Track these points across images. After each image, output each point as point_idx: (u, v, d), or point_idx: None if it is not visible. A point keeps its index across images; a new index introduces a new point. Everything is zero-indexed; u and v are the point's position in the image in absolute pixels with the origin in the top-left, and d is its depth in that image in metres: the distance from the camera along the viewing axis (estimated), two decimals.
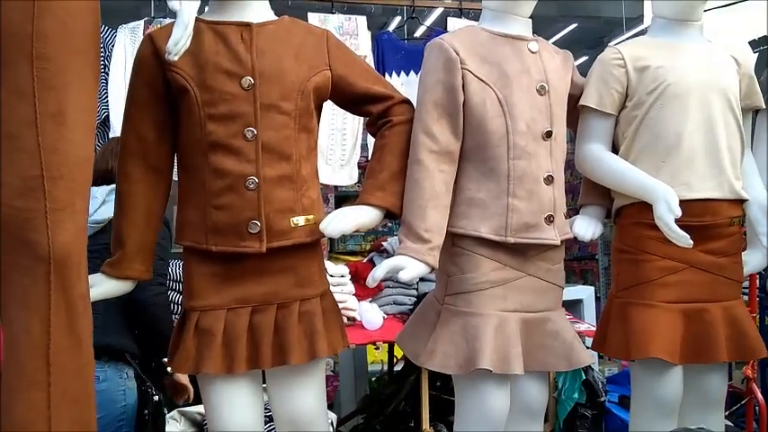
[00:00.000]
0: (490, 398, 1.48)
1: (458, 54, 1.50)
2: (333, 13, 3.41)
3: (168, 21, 3.13)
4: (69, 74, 1.11)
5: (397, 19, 5.03)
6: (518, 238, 1.50)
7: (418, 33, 4.03)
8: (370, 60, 3.44)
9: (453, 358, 1.47)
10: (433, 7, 4.11)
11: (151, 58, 1.39)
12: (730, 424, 2.83)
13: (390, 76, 3.53)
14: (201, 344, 1.37)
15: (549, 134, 1.53)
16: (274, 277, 1.42)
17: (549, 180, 1.52)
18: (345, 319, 2.56)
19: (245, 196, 1.37)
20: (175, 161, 1.48)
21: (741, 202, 1.64)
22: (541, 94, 1.53)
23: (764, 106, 1.74)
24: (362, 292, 2.72)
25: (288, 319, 1.40)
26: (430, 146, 1.48)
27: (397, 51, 3.58)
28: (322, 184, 3.42)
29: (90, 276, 1.22)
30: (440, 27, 3.68)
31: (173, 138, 1.45)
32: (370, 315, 2.55)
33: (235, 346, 1.38)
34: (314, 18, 3.35)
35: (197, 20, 1.37)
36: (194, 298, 1.41)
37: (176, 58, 1.25)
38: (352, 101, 1.55)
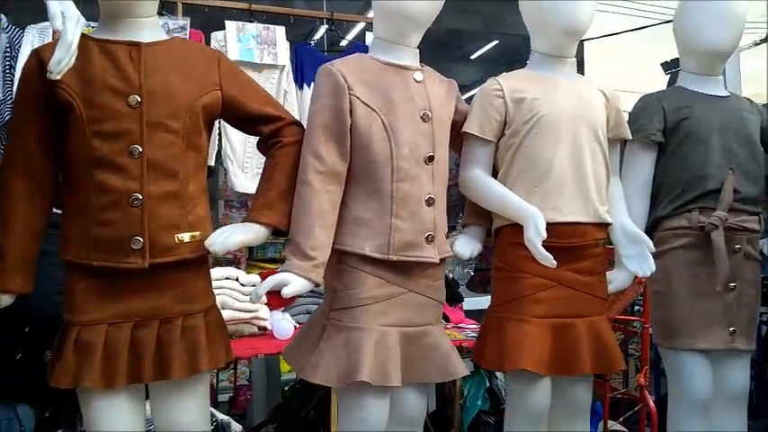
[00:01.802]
0: (370, 409, 1.56)
1: (346, 80, 1.57)
2: (251, 21, 3.42)
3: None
4: None
5: (321, 31, 5.07)
6: (400, 256, 1.58)
7: (343, 43, 4.08)
8: (289, 70, 3.46)
9: (335, 371, 1.54)
10: (353, 21, 4.18)
11: (36, 74, 1.40)
12: (624, 429, 3.02)
13: (309, 86, 3.55)
14: (81, 358, 1.39)
15: (431, 158, 1.62)
16: (158, 292, 1.45)
17: (431, 202, 1.61)
18: (256, 329, 2.61)
19: (129, 213, 1.40)
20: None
21: (606, 225, 1.77)
22: (425, 121, 1.62)
23: (631, 137, 1.88)
24: (275, 301, 2.74)
25: (170, 334, 1.44)
26: (317, 167, 1.55)
27: (317, 62, 3.58)
28: (238, 192, 3.45)
29: None
30: (360, 41, 3.75)
31: (57, 153, 1.46)
32: (282, 324, 2.58)
33: (115, 361, 1.40)
34: (231, 26, 3.35)
35: (86, 37, 1.40)
36: (75, 312, 1.42)
37: (58, 77, 1.27)
38: (242, 120, 1.60)
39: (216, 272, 2.64)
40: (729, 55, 1.97)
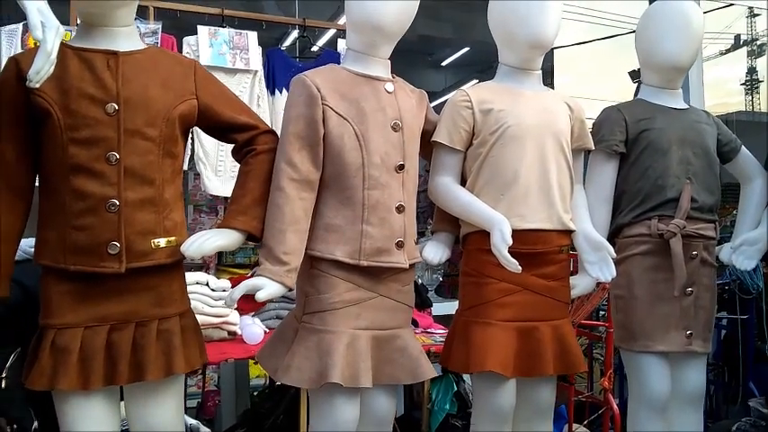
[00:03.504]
0: (340, 410, 1.60)
1: (319, 91, 1.62)
2: (223, 26, 3.43)
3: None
4: None
5: (293, 35, 5.09)
6: (370, 261, 1.63)
7: (314, 49, 4.11)
8: (261, 76, 3.49)
9: (307, 373, 1.58)
10: (325, 27, 4.22)
11: (14, 82, 1.42)
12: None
13: (281, 92, 3.57)
14: (57, 361, 1.40)
15: (401, 167, 1.67)
16: (134, 296, 1.47)
17: (401, 209, 1.66)
18: (226, 334, 2.62)
19: (106, 218, 1.42)
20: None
21: (569, 232, 1.84)
22: (396, 131, 1.67)
23: (594, 147, 1.96)
24: (246, 306, 2.75)
25: (146, 337, 1.46)
26: (291, 174, 1.59)
27: (289, 68, 3.62)
28: (212, 195, 3.46)
29: None
30: (331, 48, 3.78)
31: (35, 160, 1.47)
32: (252, 329, 2.60)
33: (91, 363, 1.42)
34: (204, 31, 3.36)
35: (64, 45, 1.42)
36: (51, 316, 1.43)
37: (37, 86, 1.29)
38: (218, 129, 1.64)
39: (186, 277, 2.65)
40: (688, 68, 2.05)
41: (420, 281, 3.88)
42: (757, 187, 2.13)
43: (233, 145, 1.67)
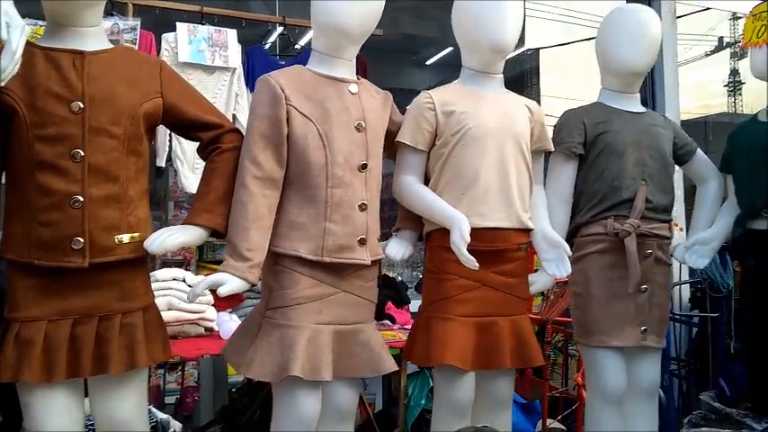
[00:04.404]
0: (301, 402, 1.64)
1: (283, 91, 1.66)
2: (202, 23, 3.45)
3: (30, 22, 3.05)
4: None
5: (276, 33, 5.10)
6: (333, 258, 1.67)
7: (297, 47, 4.13)
8: (240, 73, 3.51)
9: (269, 367, 1.62)
10: (306, 26, 4.23)
11: None
12: (563, 427, 3.15)
13: None
14: (21, 353, 1.44)
15: (364, 166, 1.71)
16: (98, 291, 1.51)
17: (363, 207, 1.71)
18: (203, 330, 2.65)
19: (70, 214, 1.45)
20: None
21: (528, 231, 1.89)
22: (359, 131, 1.71)
23: (553, 149, 2.02)
24: (223, 302, 2.78)
25: (109, 331, 1.50)
26: (255, 172, 1.63)
27: (270, 66, 3.63)
28: (188, 192, 3.47)
29: None
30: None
31: (2, 156, 1.50)
32: (229, 326, 2.62)
33: (54, 356, 1.45)
34: (183, 28, 3.37)
35: (31, 45, 1.45)
36: (15, 309, 1.47)
37: (3, 84, 1.33)
38: (183, 127, 1.67)
39: (163, 273, 2.67)
40: (644, 74, 2.12)
41: (399, 278, 3.93)
42: (711, 188, 2.20)
43: (198, 143, 1.71)
